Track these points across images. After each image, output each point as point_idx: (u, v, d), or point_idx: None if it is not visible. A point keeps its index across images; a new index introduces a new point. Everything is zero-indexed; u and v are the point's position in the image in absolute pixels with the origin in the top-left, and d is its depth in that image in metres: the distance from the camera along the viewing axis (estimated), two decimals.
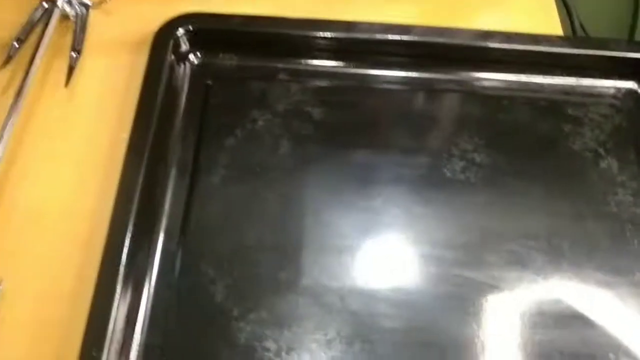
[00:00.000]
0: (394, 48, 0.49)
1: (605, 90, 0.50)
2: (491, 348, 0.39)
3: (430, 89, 0.49)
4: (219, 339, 0.39)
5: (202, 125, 0.46)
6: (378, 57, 0.49)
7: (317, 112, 0.47)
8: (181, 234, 0.42)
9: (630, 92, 0.50)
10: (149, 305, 0.39)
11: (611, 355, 0.39)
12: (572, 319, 0.41)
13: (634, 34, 0.94)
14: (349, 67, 0.49)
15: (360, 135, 0.47)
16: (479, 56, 0.49)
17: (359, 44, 0.49)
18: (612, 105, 0.49)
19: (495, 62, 0.49)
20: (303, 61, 0.49)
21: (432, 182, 0.45)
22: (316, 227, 0.43)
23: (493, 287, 0.41)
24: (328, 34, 0.48)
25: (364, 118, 0.48)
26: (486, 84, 0.50)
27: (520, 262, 0.42)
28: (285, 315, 0.39)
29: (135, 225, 0.40)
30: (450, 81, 0.49)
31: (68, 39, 0.49)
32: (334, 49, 0.49)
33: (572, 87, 0.50)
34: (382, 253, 0.42)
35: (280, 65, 0.49)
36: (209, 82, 0.48)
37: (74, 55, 0.48)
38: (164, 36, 0.47)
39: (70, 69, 0.47)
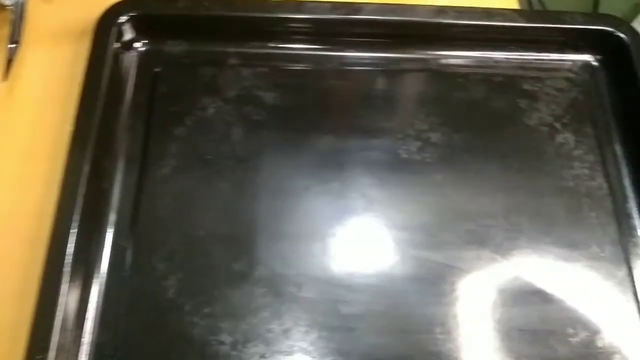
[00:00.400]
0: (344, 28, 0.47)
1: (561, 64, 0.50)
2: (450, 329, 0.39)
3: (383, 69, 0.48)
4: (172, 335, 0.38)
5: (150, 114, 0.45)
6: (330, 38, 0.48)
7: (269, 97, 0.46)
8: (131, 227, 0.41)
9: (585, 65, 0.50)
10: (99, 304, 0.38)
11: (570, 330, 0.39)
12: (531, 296, 0.40)
13: (597, 8, 0.94)
14: (300, 49, 0.48)
15: (313, 119, 0.46)
16: (432, 33, 0.48)
17: (309, 25, 0.47)
18: (567, 79, 0.49)
19: (449, 39, 0.48)
20: (253, 44, 0.48)
21: (388, 164, 0.44)
22: (270, 214, 0.42)
23: (451, 268, 0.41)
24: (277, 15, 0.47)
25: (318, 101, 0.47)
26: (441, 61, 0.49)
27: (478, 241, 0.42)
28: (240, 307, 0.38)
29: (81, 220, 0.38)
30: (403, 60, 0.48)
31: (5, 30, 0.47)
32: (284, 31, 0.48)
33: (527, 61, 0.49)
34: (339, 238, 0.42)
35: (230, 49, 0.47)
36: (157, 69, 0.46)
37: (13, 47, 0.46)
38: (106, 23, 0.45)
39: (9, 61, 0.45)
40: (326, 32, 0.48)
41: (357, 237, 0.42)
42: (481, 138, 0.45)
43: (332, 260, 0.41)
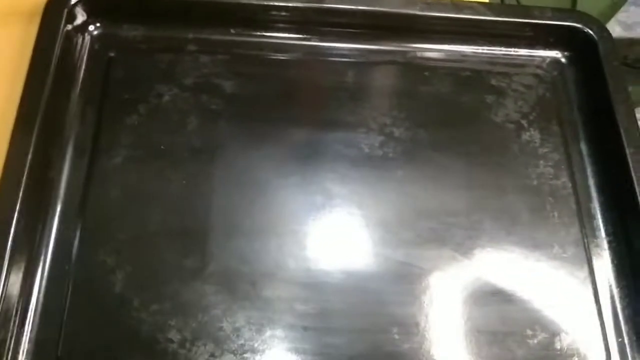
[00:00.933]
0: (310, 16, 0.46)
1: (530, 59, 0.49)
2: (408, 329, 0.38)
3: (349, 61, 0.47)
4: (118, 332, 0.36)
5: (102, 101, 0.43)
6: (295, 27, 0.46)
7: (229, 86, 0.44)
8: (77, 219, 0.39)
9: (554, 62, 0.49)
10: (41, 298, 0.36)
11: (529, 331, 0.39)
12: (491, 296, 0.40)
13: (576, 5, 0.94)
14: (263, 37, 0.46)
15: (275, 110, 0.44)
16: (399, 25, 0.46)
17: (274, 12, 0.45)
18: (535, 76, 0.48)
19: (417, 31, 0.47)
20: (214, 30, 0.46)
21: (350, 158, 0.43)
22: (225, 209, 0.40)
23: (411, 266, 0.40)
24: (239, 1, 0.45)
25: (279, 91, 0.45)
26: (408, 54, 0.47)
27: (439, 239, 0.41)
28: (191, 304, 0.37)
29: (24, 210, 0.37)
30: (368, 52, 0.47)
31: None
32: (247, 17, 0.46)
33: (496, 56, 0.48)
34: (297, 234, 0.40)
35: (189, 35, 0.45)
36: (111, 54, 0.44)
37: None
38: (56, 4, 0.42)
39: None
40: (291, 20, 0.46)
41: (316, 234, 0.40)
42: (446, 133, 0.44)
43: (289, 257, 0.39)
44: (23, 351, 0.35)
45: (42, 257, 0.37)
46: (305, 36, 0.47)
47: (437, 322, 0.38)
